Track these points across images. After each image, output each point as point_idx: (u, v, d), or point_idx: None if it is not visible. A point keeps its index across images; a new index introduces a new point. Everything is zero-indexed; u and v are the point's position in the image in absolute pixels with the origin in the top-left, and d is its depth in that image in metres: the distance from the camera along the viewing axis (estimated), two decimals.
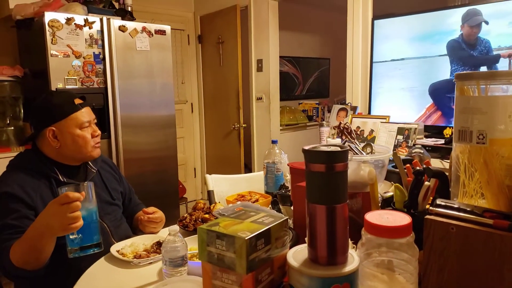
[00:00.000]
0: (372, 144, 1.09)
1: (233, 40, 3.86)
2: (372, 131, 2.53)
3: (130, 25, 2.86)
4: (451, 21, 2.47)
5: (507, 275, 0.59)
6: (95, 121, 1.46)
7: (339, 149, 0.68)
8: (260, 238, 0.65)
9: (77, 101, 1.40)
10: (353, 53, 3.04)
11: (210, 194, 1.93)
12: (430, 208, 0.70)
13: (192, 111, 4.48)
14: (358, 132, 2.60)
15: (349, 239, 0.82)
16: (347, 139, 1.10)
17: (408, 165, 1.03)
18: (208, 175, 1.98)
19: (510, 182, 0.69)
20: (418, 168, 0.86)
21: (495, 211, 0.65)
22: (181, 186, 3.60)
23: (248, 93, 3.93)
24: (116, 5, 3.17)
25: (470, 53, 2.40)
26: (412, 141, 2.35)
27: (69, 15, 2.56)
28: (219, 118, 4.21)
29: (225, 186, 2.00)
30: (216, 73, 4.21)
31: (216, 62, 4.17)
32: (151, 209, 1.46)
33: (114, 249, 1.23)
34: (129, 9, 3.15)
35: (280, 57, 4.96)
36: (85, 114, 1.39)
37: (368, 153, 1.04)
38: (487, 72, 0.70)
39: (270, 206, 1.55)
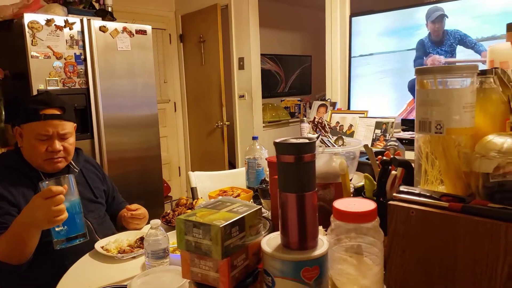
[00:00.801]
0: (343, 137, 1.15)
1: (214, 39, 3.89)
2: (351, 126, 2.60)
3: (110, 25, 2.86)
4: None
5: (461, 253, 0.64)
6: (67, 136, 1.40)
7: (307, 141, 0.72)
8: (234, 226, 0.69)
9: (51, 111, 1.35)
10: (331, 49, 3.10)
11: (193, 191, 1.96)
12: (394, 194, 0.75)
13: (175, 110, 4.49)
14: (338, 127, 2.67)
15: (321, 226, 0.87)
16: (321, 132, 1.15)
17: (379, 156, 1.09)
18: (191, 172, 2.01)
19: (467, 168, 0.75)
20: (385, 158, 0.91)
21: (451, 195, 0.71)
22: (165, 185, 3.62)
23: (231, 91, 3.96)
24: (97, 5, 3.16)
25: (430, 52, 2.50)
26: (389, 135, 2.42)
27: (49, 16, 2.55)
28: (202, 116, 4.23)
29: (208, 182, 2.03)
30: (198, 72, 4.23)
31: (198, 61, 4.19)
32: (134, 206, 1.49)
33: (98, 245, 1.26)
34: (110, 9, 3.15)
35: (262, 55, 5.01)
36: (47, 127, 1.34)
37: (339, 146, 1.09)
38: (443, 66, 0.75)
39: (251, 200, 1.59)
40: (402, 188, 0.76)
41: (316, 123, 1.18)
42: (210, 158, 4.15)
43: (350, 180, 1.12)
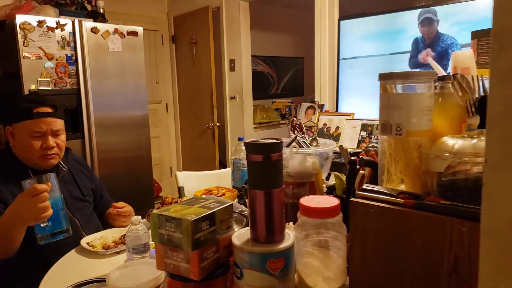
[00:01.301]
0: (317, 138, 1.20)
1: (205, 41, 3.93)
2: (337, 127, 2.65)
3: (102, 27, 2.90)
4: (411, 20, 2.61)
5: (413, 246, 0.69)
6: (59, 132, 1.46)
7: (275, 141, 0.77)
8: (204, 220, 0.74)
9: (43, 109, 1.41)
10: (320, 52, 3.16)
11: (180, 190, 2.00)
12: (357, 192, 0.80)
13: (167, 111, 4.53)
14: (325, 129, 2.72)
15: (292, 222, 0.92)
16: (298, 134, 1.20)
17: (355, 157, 1.14)
18: (178, 172, 2.06)
19: (425, 168, 0.80)
20: (352, 158, 0.96)
21: (408, 193, 0.76)
22: (156, 185, 3.66)
23: (222, 92, 4.01)
24: (89, 7, 3.20)
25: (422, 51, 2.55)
26: (374, 137, 2.48)
27: (41, 18, 2.58)
28: (194, 117, 4.27)
29: (195, 182, 2.08)
30: (190, 73, 4.27)
31: (190, 62, 4.24)
32: (121, 204, 1.53)
33: (84, 241, 1.30)
34: (101, 11, 3.19)
35: (255, 56, 5.07)
36: (41, 124, 1.39)
37: (314, 147, 1.15)
38: (403, 72, 0.80)
39: (236, 200, 1.64)
40: (365, 186, 0.81)
41: (294, 125, 1.23)
42: (202, 158, 4.20)
43: (326, 179, 1.17)
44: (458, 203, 0.68)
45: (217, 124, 3.97)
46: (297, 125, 1.22)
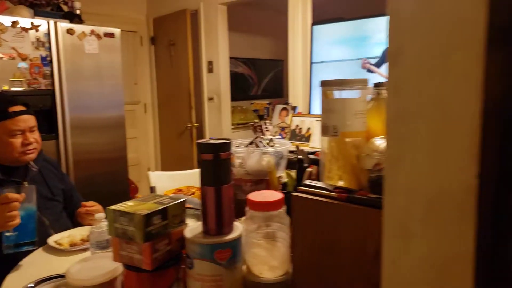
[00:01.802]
0: (273, 138, 1.27)
1: (184, 43, 3.98)
2: (309, 129, 2.74)
3: (78, 28, 2.92)
4: (378, 27, 2.72)
5: (343, 235, 0.77)
6: (35, 128, 1.53)
7: (224, 141, 0.84)
8: (156, 215, 0.80)
9: (17, 108, 1.47)
10: (293, 56, 3.25)
11: (152, 190, 2.05)
12: (298, 187, 0.88)
13: (145, 112, 4.56)
14: (297, 130, 2.81)
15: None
16: (259, 134, 1.27)
17: (312, 155, 1.22)
18: (150, 172, 2.11)
19: (360, 165, 0.88)
20: (299, 157, 1.04)
21: (343, 188, 0.84)
22: (133, 185, 3.69)
23: (200, 93, 4.06)
24: (65, 8, 3.22)
25: None
26: None
27: (14, 18, 2.60)
28: (172, 118, 4.31)
29: (168, 182, 2.13)
30: (168, 74, 4.31)
31: (168, 64, 4.28)
32: (90, 203, 1.58)
33: (51, 240, 1.34)
34: (78, 12, 3.21)
35: (235, 58, 5.14)
36: (19, 122, 1.46)
37: (270, 147, 1.22)
38: (339, 80, 0.89)
39: None
40: (306, 182, 0.89)
41: (255, 126, 1.31)
42: (180, 159, 4.24)
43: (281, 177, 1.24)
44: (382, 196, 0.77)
45: (195, 125, 4.02)
46: (257, 127, 1.30)
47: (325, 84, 0.90)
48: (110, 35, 3.10)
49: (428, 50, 0.52)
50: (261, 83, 5.85)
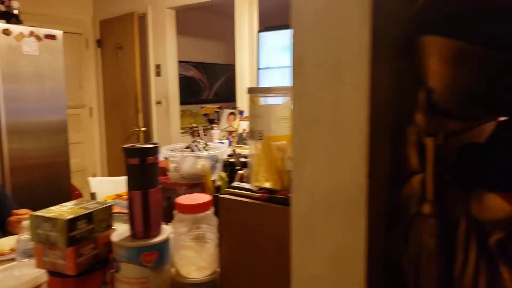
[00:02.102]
0: (209, 143, 1.31)
1: (131, 46, 3.91)
2: None
3: (15, 29, 2.79)
4: None
5: (265, 235, 0.82)
6: None
7: (150, 146, 0.86)
8: (80, 220, 0.80)
9: None
10: (241, 61, 3.30)
11: (92, 196, 2.01)
12: (225, 189, 0.91)
13: (91, 116, 4.42)
14: (244, 134, 2.85)
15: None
16: (196, 139, 1.30)
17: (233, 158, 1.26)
18: (90, 178, 2.06)
19: (284, 167, 0.93)
20: (230, 160, 1.08)
21: (267, 189, 0.88)
22: (77, 192, 3.56)
23: (148, 97, 4.01)
24: (1, 7, 3.06)
25: None
26: None
27: None
28: (119, 122, 4.21)
29: (109, 187, 2.09)
30: (115, 77, 4.21)
31: (115, 67, 4.18)
32: (23, 211, 1.52)
33: None
34: (15, 12, 3.06)
35: (186, 62, 5.11)
36: None
37: (206, 150, 1.25)
38: (264, 87, 0.93)
39: None
40: (234, 184, 0.92)
41: (192, 130, 1.33)
42: None
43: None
44: None
45: (143, 129, 3.96)
46: (195, 132, 1.32)
47: (251, 91, 0.94)
48: (52, 36, 2.99)
49: (325, 62, 0.57)
50: (212, 87, 5.86)
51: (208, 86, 5.78)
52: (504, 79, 0.54)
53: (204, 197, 0.90)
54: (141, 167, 0.85)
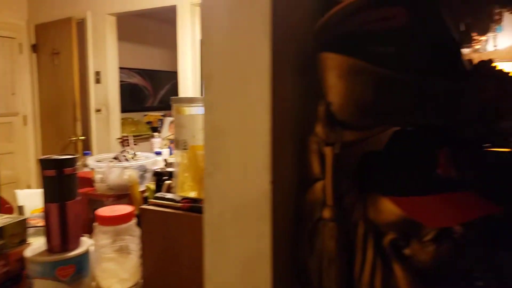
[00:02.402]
0: (136, 153, 1.29)
1: (69, 52, 3.76)
2: None
3: None
4: None
5: (186, 244, 0.82)
6: None
7: (68, 157, 0.84)
8: None
9: None
10: (184, 69, 3.29)
11: (20, 210, 1.90)
12: (149, 200, 0.91)
13: (25, 124, 4.17)
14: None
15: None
16: (125, 148, 1.28)
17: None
18: (18, 191, 1.95)
19: None
20: (157, 170, 1.08)
21: (190, 198, 0.89)
22: (7, 205, 3.33)
23: (87, 105, 3.86)
24: None
25: None
26: None
27: None
28: (56, 131, 4.02)
29: (38, 200, 1.98)
30: (52, 84, 4.02)
31: (52, 73, 3.99)
32: None
33: None
34: None
35: (129, 69, 4.99)
36: None
37: (134, 160, 1.24)
38: (188, 97, 0.95)
39: None
40: (158, 194, 0.92)
41: (122, 140, 1.31)
42: None
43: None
44: None
45: (81, 137, 3.80)
46: (124, 141, 1.30)
47: (175, 101, 0.95)
48: None
49: (232, 76, 0.60)
50: (157, 94, 5.77)
51: (153, 94, 5.68)
52: (393, 93, 0.59)
53: (125, 209, 0.89)
54: (58, 179, 0.82)
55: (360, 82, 0.58)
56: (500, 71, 0.75)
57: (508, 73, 0.68)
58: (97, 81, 3.81)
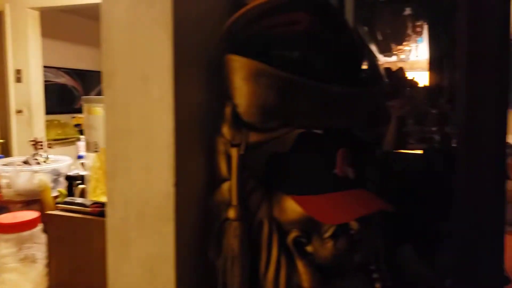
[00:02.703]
0: (49, 156, 1.23)
1: None
2: None
3: None
4: None
5: (96, 250, 0.79)
6: None
7: None
8: None
9: None
10: None
11: None
12: (57, 204, 0.86)
13: None
14: None
15: None
16: (37, 151, 1.20)
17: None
18: None
19: None
20: (69, 174, 1.03)
21: (101, 203, 0.85)
22: None
23: (6, 105, 3.57)
24: None
25: None
26: None
27: None
28: None
29: None
30: None
31: None
32: None
33: None
34: None
35: (57, 68, 4.71)
36: None
37: (45, 164, 1.17)
38: (99, 97, 0.92)
39: None
40: (67, 199, 0.88)
41: (35, 143, 1.23)
42: None
43: None
44: None
45: (0, 141, 3.50)
46: (37, 143, 1.22)
47: (86, 100, 0.91)
48: None
49: (133, 76, 0.58)
50: (88, 95, 5.49)
51: (83, 95, 5.39)
52: (296, 97, 0.61)
53: (29, 215, 0.84)
54: None
55: (264, 85, 0.59)
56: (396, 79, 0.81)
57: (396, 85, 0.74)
58: (18, 80, 3.53)
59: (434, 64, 1.47)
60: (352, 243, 0.62)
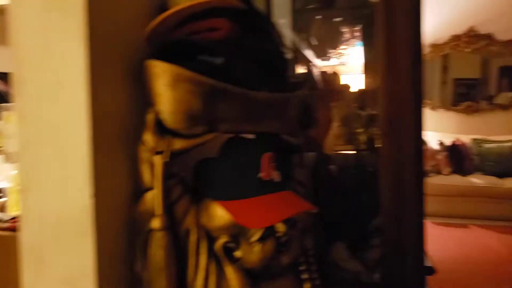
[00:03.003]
0: None
1: None
2: None
3: None
4: None
5: (14, 266, 0.74)
6: None
7: None
8: None
9: None
10: None
11: None
12: None
13: None
14: None
15: None
16: None
17: None
18: None
19: None
20: None
21: None
22: None
23: None
24: None
25: None
26: None
27: None
28: None
29: None
30: None
31: None
32: None
33: None
34: None
35: None
36: None
37: None
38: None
39: None
40: None
41: None
42: None
43: None
44: None
45: None
46: None
47: (4, 108, 0.85)
48: None
49: (45, 82, 0.55)
50: None
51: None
52: (221, 103, 0.61)
53: None
54: None
55: (188, 91, 0.58)
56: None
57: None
58: None
59: (367, 67, 1.54)
60: (279, 245, 0.63)
